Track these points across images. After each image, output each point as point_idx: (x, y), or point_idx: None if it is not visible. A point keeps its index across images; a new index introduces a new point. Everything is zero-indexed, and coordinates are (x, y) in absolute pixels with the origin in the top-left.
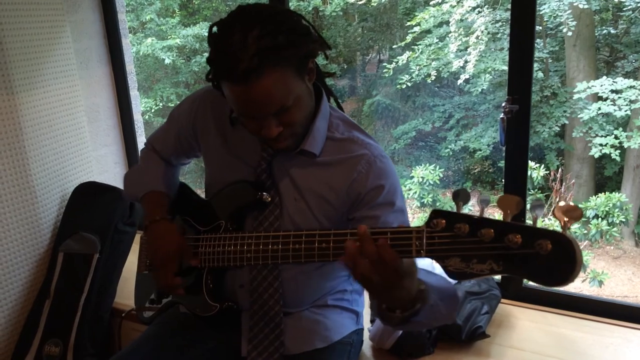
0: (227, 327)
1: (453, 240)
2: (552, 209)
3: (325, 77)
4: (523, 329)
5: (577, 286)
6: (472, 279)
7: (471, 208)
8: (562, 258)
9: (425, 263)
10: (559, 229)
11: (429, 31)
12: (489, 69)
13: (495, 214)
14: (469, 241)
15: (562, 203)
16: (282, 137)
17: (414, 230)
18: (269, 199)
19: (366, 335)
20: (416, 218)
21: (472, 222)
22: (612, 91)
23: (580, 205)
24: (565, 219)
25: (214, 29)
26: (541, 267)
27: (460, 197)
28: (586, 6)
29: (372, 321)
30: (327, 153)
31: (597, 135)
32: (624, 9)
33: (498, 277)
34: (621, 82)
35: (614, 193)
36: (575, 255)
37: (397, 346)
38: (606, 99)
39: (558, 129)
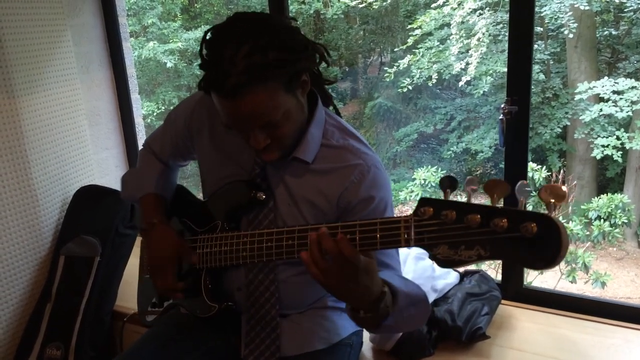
0: (228, 328)
1: (440, 227)
2: (538, 192)
3: (324, 84)
4: (524, 330)
5: (580, 287)
6: (460, 266)
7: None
8: (548, 240)
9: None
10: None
11: (430, 34)
12: (491, 71)
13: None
14: (456, 228)
15: (547, 186)
16: (270, 150)
17: (402, 219)
18: (264, 197)
19: (366, 336)
20: None
21: (458, 208)
22: (614, 92)
23: (582, 207)
24: (551, 200)
25: (209, 35)
26: (527, 249)
27: (447, 184)
28: (587, 7)
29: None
30: (322, 160)
31: (599, 137)
32: (625, 10)
33: (498, 278)
34: (623, 83)
35: (616, 194)
36: (560, 236)
37: (397, 348)
38: (608, 100)
39: (560, 130)
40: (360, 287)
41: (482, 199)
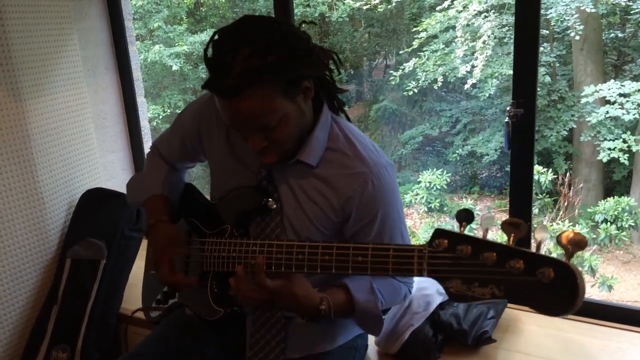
0: (233, 331)
1: (454, 261)
2: (557, 236)
3: (337, 92)
4: (530, 334)
5: (587, 291)
6: (472, 301)
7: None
8: (564, 287)
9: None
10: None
11: (435, 36)
12: (496, 74)
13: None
14: (470, 264)
15: (569, 232)
16: (268, 152)
17: (416, 249)
18: (275, 205)
19: (372, 340)
20: (423, 223)
21: (474, 244)
22: (620, 95)
23: (589, 210)
24: (570, 248)
25: (217, 36)
26: (542, 295)
27: (464, 217)
28: (593, 10)
29: None
30: (326, 165)
31: (605, 139)
32: (632, 12)
33: None
34: (629, 86)
35: (622, 197)
36: (577, 287)
37: (403, 351)
38: (614, 102)
39: (566, 133)
40: (284, 307)
41: (486, 201)
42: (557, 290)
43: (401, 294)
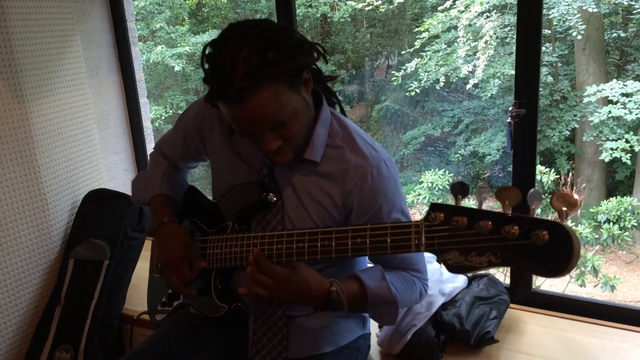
0: (235, 330)
1: (451, 233)
2: (550, 200)
3: (327, 81)
4: (532, 334)
5: (589, 291)
6: (470, 272)
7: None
8: (559, 248)
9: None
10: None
11: (437, 36)
12: (498, 74)
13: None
14: (467, 234)
15: (559, 194)
16: (283, 151)
17: (412, 224)
18: (274, 199)
19: (374, 340)
20: None
21: (470, 214)
22: (623, 94)
23: (591, 210)
24: (563, 208)
25: (208, 49)
26: (539, 257)
27: (458, 189)
28: (595, 10)
29: (380, 326)
30: (327, 161)
31: (607, 139)
32: (634, 12)
33: (507, 281)
34: (632, 86)
35: (625, 197)
36: (572, 245)
37: (405, 351)
38: (616, 102)
39: (568, 133)
40: (296, 295)
41: (490, 201)
42: (552, 251)
43: (415, 289)
